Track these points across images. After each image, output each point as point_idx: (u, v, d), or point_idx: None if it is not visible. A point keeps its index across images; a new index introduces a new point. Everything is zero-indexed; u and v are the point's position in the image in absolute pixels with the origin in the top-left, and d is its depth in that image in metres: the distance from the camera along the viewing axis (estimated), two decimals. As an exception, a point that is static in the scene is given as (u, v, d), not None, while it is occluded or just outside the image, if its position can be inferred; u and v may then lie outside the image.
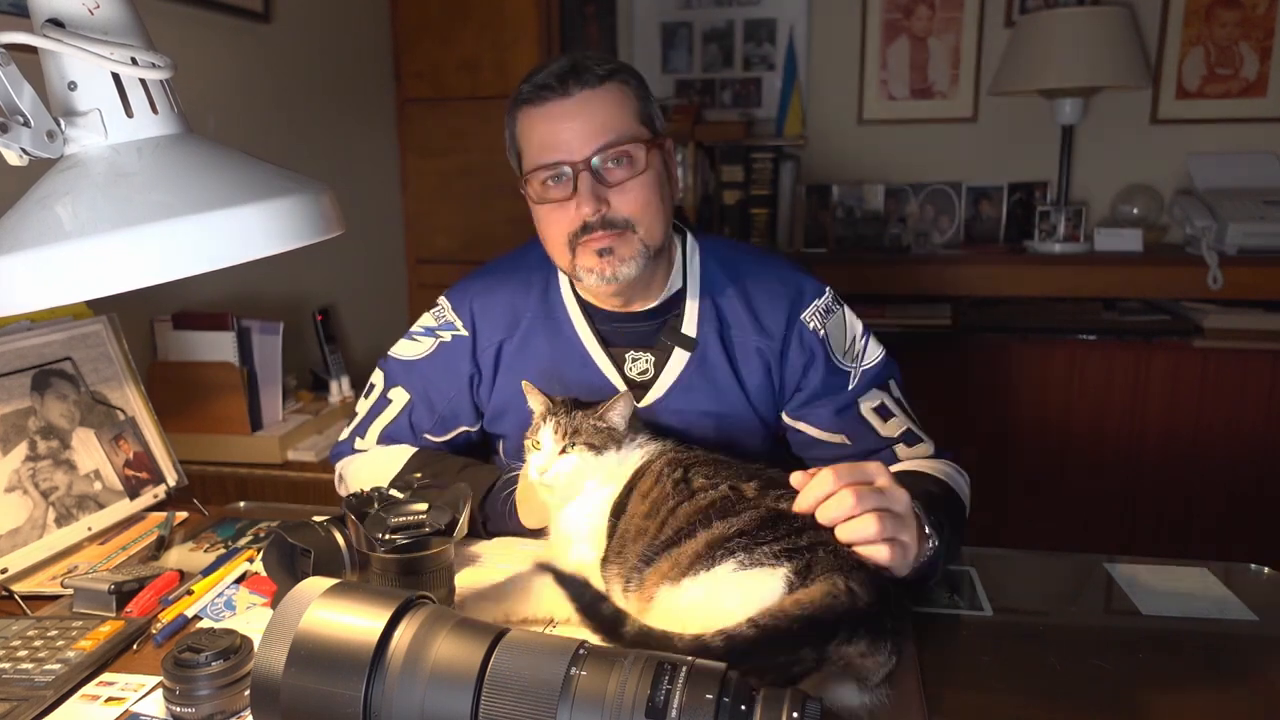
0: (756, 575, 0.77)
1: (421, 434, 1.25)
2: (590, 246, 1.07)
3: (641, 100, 1.10)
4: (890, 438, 1.15)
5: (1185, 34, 2.69)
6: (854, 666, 0.74)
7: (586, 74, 1.06)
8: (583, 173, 1.05)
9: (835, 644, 0.72)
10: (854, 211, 2.87)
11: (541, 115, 1.07)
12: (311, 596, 0.64)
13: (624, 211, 1.07)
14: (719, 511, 0.84)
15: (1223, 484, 2.44)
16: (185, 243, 0.69)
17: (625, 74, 1.10)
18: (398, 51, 2.63)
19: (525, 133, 1.10)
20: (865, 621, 0.74)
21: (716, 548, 0.80)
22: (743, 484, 0.88)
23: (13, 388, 1.10)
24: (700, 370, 1.16)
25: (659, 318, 1.18)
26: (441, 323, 1.23)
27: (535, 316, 1.19)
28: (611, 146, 1.05)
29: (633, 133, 1.07)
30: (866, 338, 1.19)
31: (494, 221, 2.63)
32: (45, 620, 0.92)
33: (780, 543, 0.80)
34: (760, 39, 2.94)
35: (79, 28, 0.72)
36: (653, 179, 1.09)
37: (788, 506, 0.85)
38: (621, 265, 1.08)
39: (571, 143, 1.05)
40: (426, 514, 0.87)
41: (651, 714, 0.57)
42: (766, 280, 1.18)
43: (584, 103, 1.06)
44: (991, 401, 2.54)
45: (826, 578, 0.76)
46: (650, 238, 1.09)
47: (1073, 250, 2.59)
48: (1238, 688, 0.83)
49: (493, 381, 1.22)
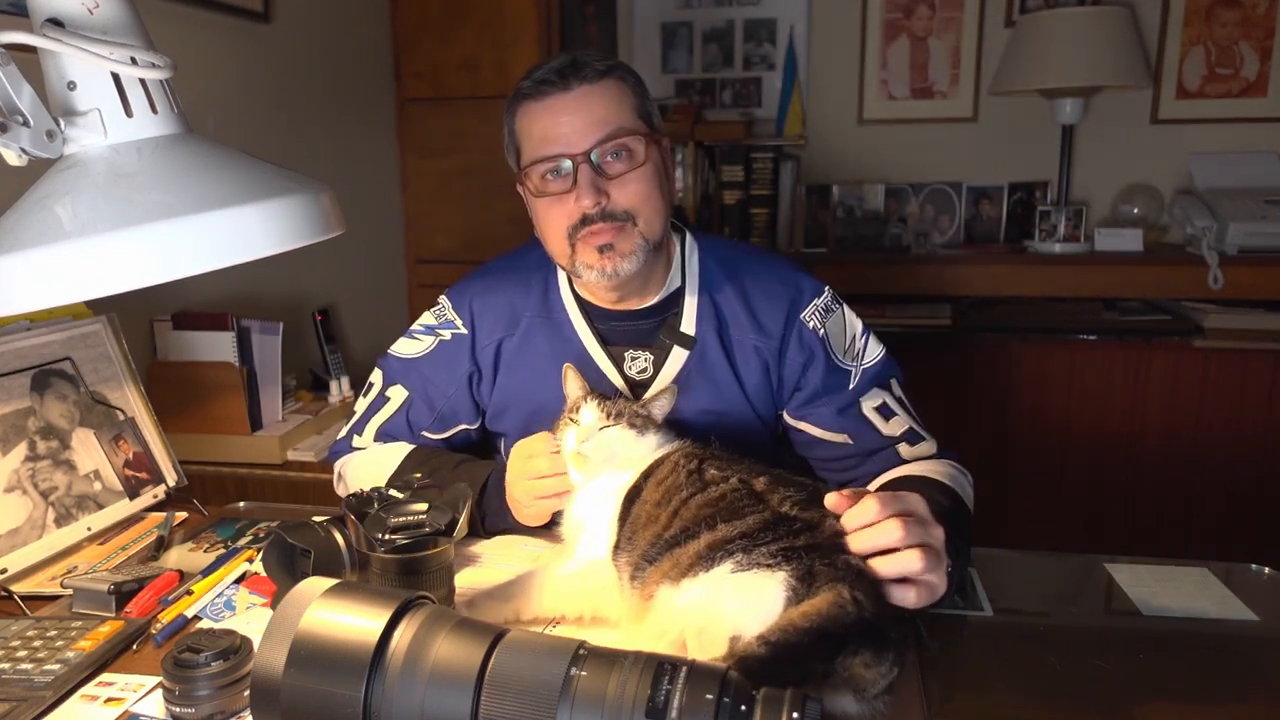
0: (754, 577, 0.77)
1: (419, 432, 1.25)
2: (590, 242, 1.07)
3: (639, 97, 1.11)
4: (892, 436, 1.14)
5: (1185, 34, 2.69)
6: (856, 678, 0.73)
7: (585, 69, 1.06)
8: (582, 165, 1.05)
9: (842, 656, 0.72)
10: (854, 211, 2.87)
11: (541, 109, 1.07)
12: (311, 596, 0.64)
13: (623, 204, 1.07)
14: (726, 511, 0.84)
15: (1223, 484, 2.44)
16: (185, 243, 0.69)
17: (623, 71, 1.11)
18: (398, 51, 2.63)
19: (524, 127, 1.10)
20: (870, 632, 0.73)
21: (717, 549, 0.80)
22: (754, 479, 0.89)
23: (12, 388, 1.10)
24: (699, 368, 1.16)
25: (657, 316, 1.18)
26: (442, 321, 1.23)
27: (535, 316, 1.19)
28: (610, 139, 1.06)
29: (631, 126, 1.08)
30: (866, 337, 1.19)
31: (494, 221, 2.63)
32: (45, 620, 0.92)
33: (778, 543, 0.79)
34: (760, 39, 2.94)
35: (79, 27, 0.72)
36: (651, 172, 1.09)
37: (790, 509, 0.84)
38: (622, 261, 1.08)
39: (570, 136, 1.06)
40: (426, 514, 0.87)
41: (651, 714, 0.57)
42: (765, 279, 1.18)
43: (583, 97, 1.06)
44: (991, 401, 2.54)
45: (831, 587, 0.75)
46: (650, 231, 1.09)
47: (1073, 250, 2.59)
48: (1238, 688, 0.83)
49: (493, 380, 1.22)
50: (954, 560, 0.88)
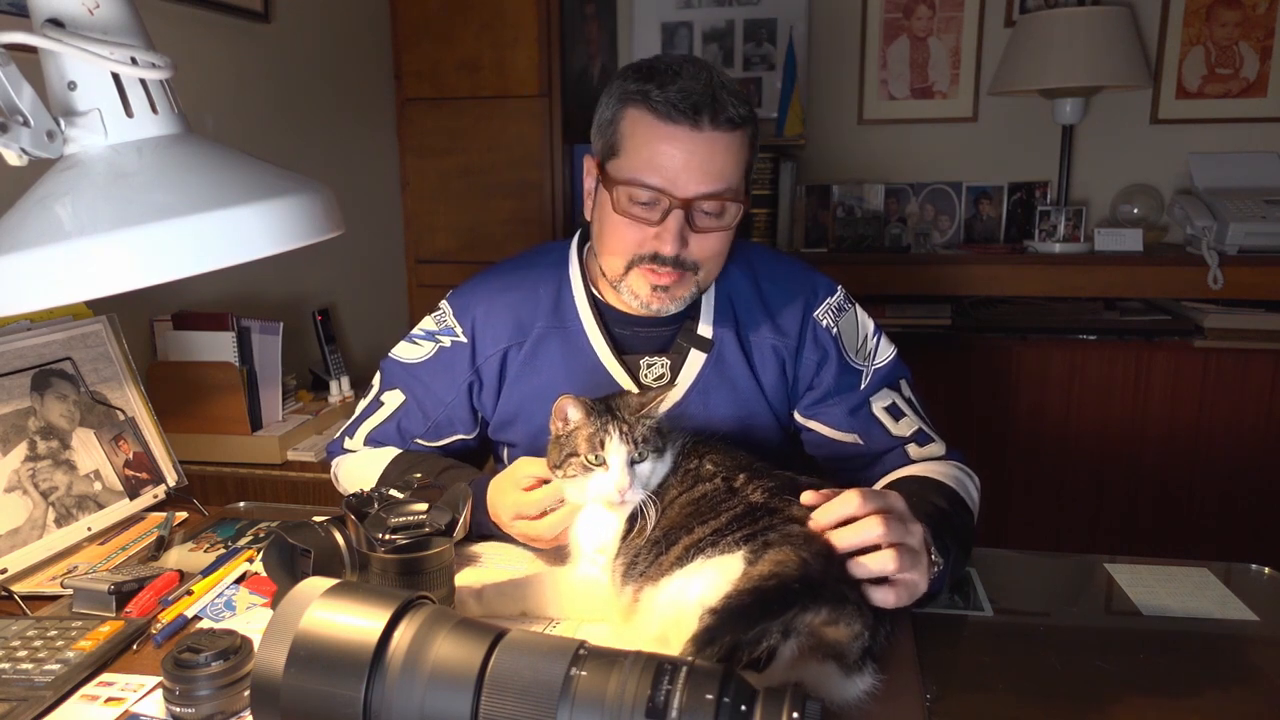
0: (719, 562, 0.79)
1: (411, 439, 1.24)
2: (648, 277, 1.06)
3: (753, 154, 1.09)
4: (902, 437, 1.15)
5: (1185, 34, 2.69)
6: (823, 639, 0.74)
7: (722, 116, 1.01)
8: (678, 210, 1.03)
9: (795, 615, 0.72)
10: (854, 211, 2.87)
11: (663, 135, 1.02)
12: (311, 597, 0.64)
13: (696, 255, 1.07)
14: (704, 509, 0.86)
15: (1223, 484, 2.44)
16: (185, 243, 0.69)
17: (753, 125, 1.07)
18: (398, 51, 2.63)
19: (634, 136, 1.04)
20: (818, 590, 0.74)
21: (691, 549, 0.83)
22: (736, 476, 0.90)
23: (13, 388, 1.10)
24: (717, 370, 1.16)
25: (676, 322, 1.17)
26: (442, 327, 1.22)
27: (547, 326, 1.17)
28: (715, 197, 1.04)
29: (736, 188, 1.06)
30: (878, 337, 1.20)
31: (494, 221, 2.63)
32: (45, 620, 0.92)
33: (742, 530, 0.81)
34: (760, 39, 2.94)
35: (79, 28, 0.72)
36: (731, 234, 1.09)
37: (759, 497, 0.86)
38: (670, 303, 1.09)
39: (680, 177, 1.02)
40: (426, 514, 0.87)
41: (651, 714, 0.57)
42: (781, 279, 1.19)
43: (710, 143, 1.02)
44: (991, 401, 2.54)
45: (777, 550, 0.77)
46: (706, 282, 1.11)
47: (1073, 250, 2.59)
48: (1238, 688, 0.83)
49: (497, 390, 1.20)
50: (944, 558, 0.88)
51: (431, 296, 1.26)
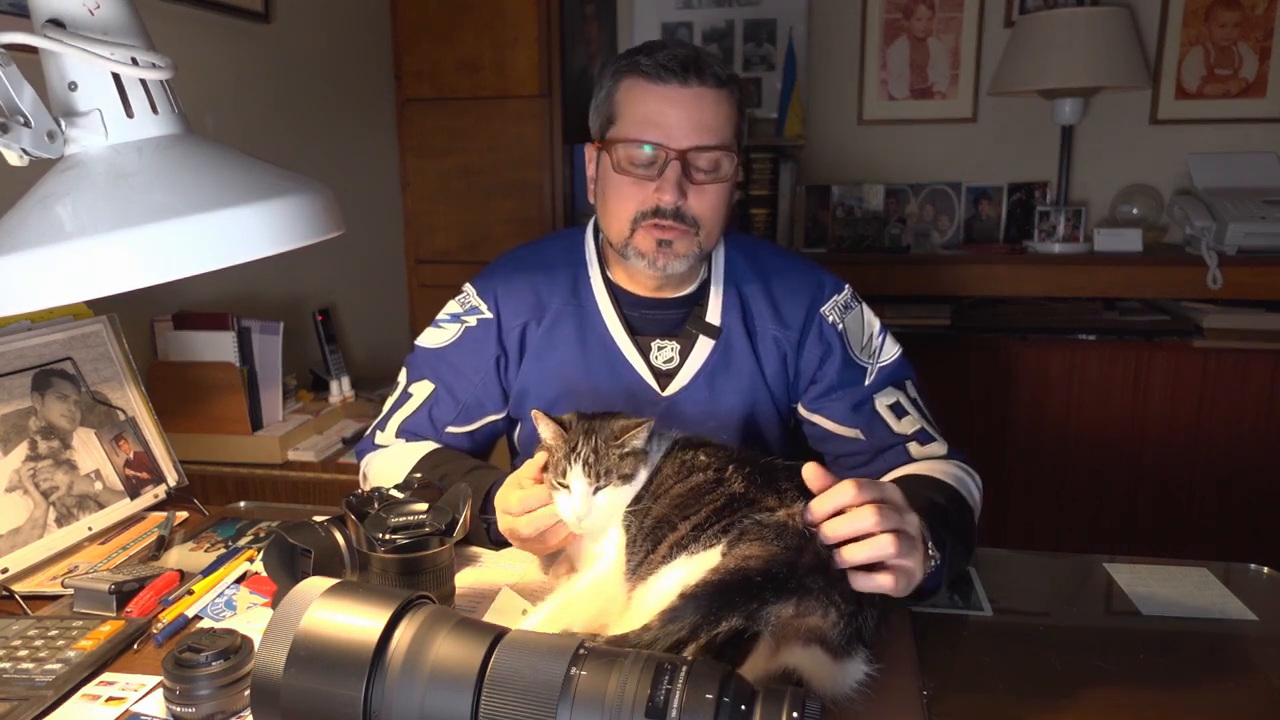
0: (700, 559, 0.80)
1: (443, 427, 1.25)
2: (652, 233, 1.11)
3: (741, 114, 1.14)
4: (904, 434, 1.16)
5: (1185, 34, 2.69)
6: (796, 629, 0.74)
7: (707, 72, 1.09)
8: (675, 161, 1.08)
9: (762, 605, 0.73)
10: (854, 211, 2.87)
11: (655, 94, 1.09)
12: (311, 596, 0.64)
13: (696, 210, 1.11)
14: (689, 501, 0.86)
15: (1223, 484, 2.44)
16: (185, 243, 0.69)
17: (738, 85, 1.13)
18: (398, 51, 2.63)
19: (629, 101, 1.11)
20: (783, 584, 0.74)
21: (674, 547, 0.83)
22: (725, 468, 0.90)
23: (13, 388, 1.10)
24: (724, 357, 1.19)
25: (685, 307, 1.21)
26: (467, 308, 1.24)
27: (564, 305, 1.21)
28: (709, 149, 1.09)
29: (729, 142, 1.11)
30: (884, 336, 1.22)
31: (494, 221, 2.63)
32: (45, 620, 0.92)
33: (721, 522, 0.82)
34: (760, 39, 2.94)
35: (79, 28, 0.72)
36: (727, 190, 1.13)
37: (740, 487, 0.86)
38: (675, 260, 1.12)
39: (675, 130, 1.08)
40: (426, 514, 0.87)
41: (651, 714, 0.57)
42: (788, 274, 1.23)
43: (698, 97, 1.09)
44: (991, 401, 2.54)
45: (747, 545, 0.78)
46: (708, 241, 1.14)
47: (1073, 250, 2.59)
48: (1238, 688, 0.83)
49: (518, 364, 1.23)
50: (941, 553, 0.88)
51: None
